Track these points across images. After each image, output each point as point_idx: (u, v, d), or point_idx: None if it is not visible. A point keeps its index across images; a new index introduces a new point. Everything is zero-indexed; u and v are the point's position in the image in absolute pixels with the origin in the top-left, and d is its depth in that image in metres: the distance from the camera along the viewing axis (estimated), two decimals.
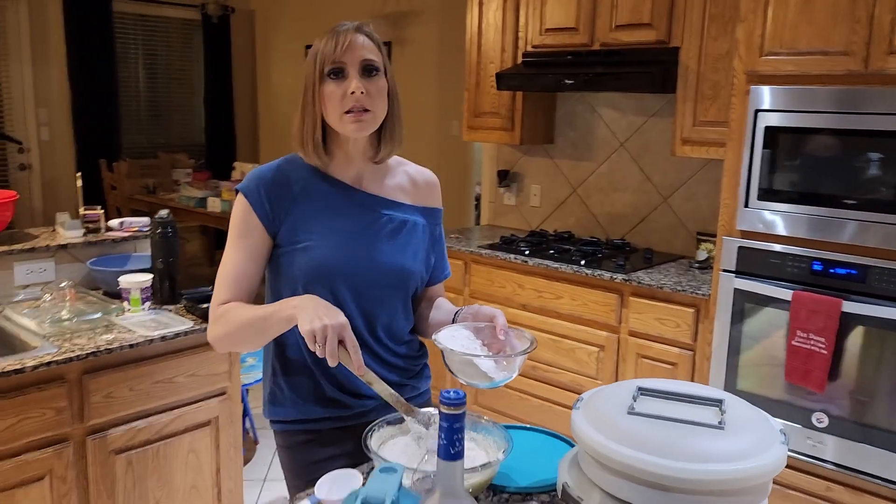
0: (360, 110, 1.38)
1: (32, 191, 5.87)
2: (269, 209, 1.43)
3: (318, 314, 1.25)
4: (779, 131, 2.44)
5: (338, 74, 1.38)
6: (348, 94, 1.37)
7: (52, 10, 5.76)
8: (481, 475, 1.24)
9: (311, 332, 1.23)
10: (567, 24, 3.27)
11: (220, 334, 1.42)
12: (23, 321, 2.11)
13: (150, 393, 2.10)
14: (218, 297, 1.44)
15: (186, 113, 6.85)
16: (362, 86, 1.37)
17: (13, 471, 1.86)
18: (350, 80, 1.37)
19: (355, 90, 1.37)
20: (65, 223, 2.52)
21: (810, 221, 2.40)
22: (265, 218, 1.43)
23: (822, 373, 2.37)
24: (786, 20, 2.37)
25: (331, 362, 1.24)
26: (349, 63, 1.38)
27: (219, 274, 1.45)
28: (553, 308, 3.18)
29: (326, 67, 1.38)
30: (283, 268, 1.45)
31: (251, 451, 3.36)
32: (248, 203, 1.43)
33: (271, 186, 1.44)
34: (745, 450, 1.07)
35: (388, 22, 5.49)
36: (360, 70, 1.38)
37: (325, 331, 1.23)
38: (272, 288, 1.50)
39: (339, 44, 1.37)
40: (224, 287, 1.43)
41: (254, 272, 1.44)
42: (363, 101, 1.38)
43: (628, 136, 3.53)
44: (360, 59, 1.38)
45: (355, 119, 1.38)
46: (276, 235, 1.44)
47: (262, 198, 1.42)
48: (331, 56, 1.37)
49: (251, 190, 1.43)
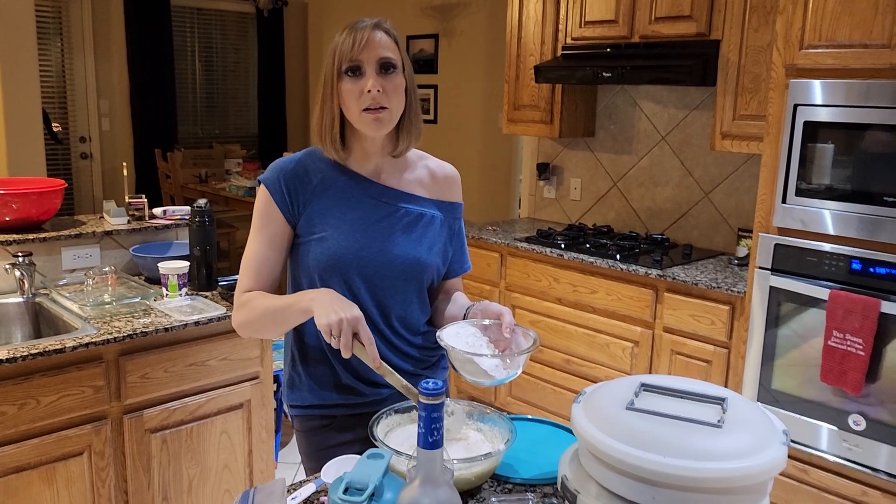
0: (377, 108, 1.40)
1: (94, 179, 6.11)
2: (288, 200, 1.47)
3: (334, 307, 1.29)
4: (819, 126, 2.37)
5: (355, 72, 1.40)
6: (365, 91, 1.39)
7: (114, 5, 5.97)
8: (483, 465, 1.26)
9: (327, 325, 1.26)
10: (607, 17, 3.24)
11: (243, 321, 1.48)
12: (66, 303, 2.22)
13: (184, 375, 2.18)
14: (241, 284, 1.49)
15: (240, 104, 7.01)
16: (379, 83, 1.39)
17: (54, 445, 1.96)
18: (367, 79, 1.40)
19: (371, 88, 1.39)
20: (111, 211, 2.62)
21: (850, 219, 2.34)
22: (285, 208, 1.47)
23: (859, 374, 2.31)
24: (825, 12, 2.30)
25: (345, 354, 1.28)
26: (366, 61, 1.40)
27: (243, 261, 1.51)
28: (588, 302, 3.17)
29: (344, 65, 1.40)
30: (301, 257, 1.50)
31: (289, 434, 3.45)
32: (269, 193, 1.47)
33: (291, 178, 1.48)
34: (741, 449, 1.06)
35: (436, 14, 5.51)
36: (377, 68, 1.40)
37: (341, 324, 1.26)
38: (292, 276, 1.55)
39: (357, 41, 1.40)
40: (247, 274, 1.49)
41: (275, 260, 1.49)
42: (380, 99, 1.40)
43: (670, 130, 3.48)
44: (376, 57, 1.40)
45: (373, 117, 1.40)
46: (296, 226, 1.49)
47: (282, 189, 1.47)
48: (348, 54, 1.40)
49: (272, 181, 1.48)
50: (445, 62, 5.51)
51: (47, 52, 5.69)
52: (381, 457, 0.96)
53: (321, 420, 1.56)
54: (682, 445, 1.06)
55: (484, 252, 3.54)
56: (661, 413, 1.12)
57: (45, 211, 2.47)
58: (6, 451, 1.89)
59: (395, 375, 1.33)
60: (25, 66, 4.18)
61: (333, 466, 1.28)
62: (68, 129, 5.95)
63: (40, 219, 2.48)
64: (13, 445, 1.90)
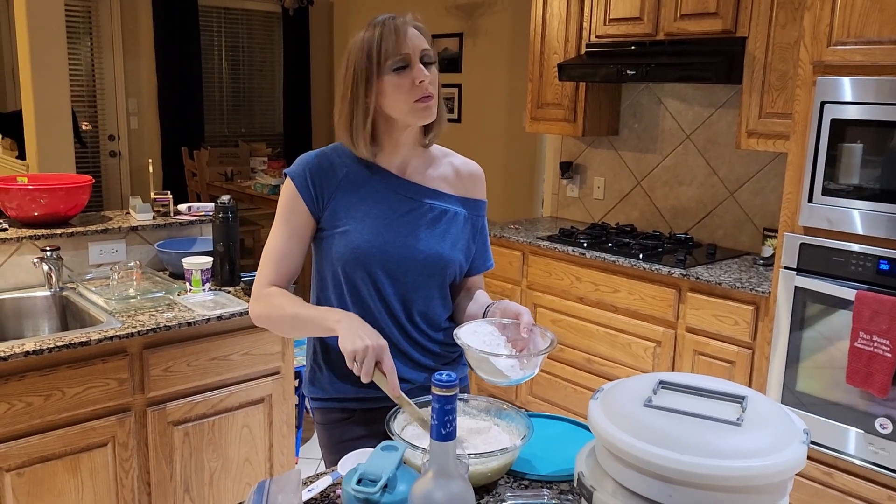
0: (427, 97, 1.42)
1: (122, 177, 6.20)
2: (313, 193, 1.48)
3: (360, 334, 1.30)
4: (846, 124, 2.34)
5: (403, 67, 1.42)
6: (416, 83, 1.41)
7: (143, 4, 6.05)
8: (499, 460, 1.26)
9: (352, 351, 1.28)
10: (631, 14, 3.21)
11: (261, 314, 1.49)
12: (92, 297, 2.26)
13: (206, 369, 2.21)
14: (262, 275, 1.51)
15: (266, 103, 7.07)
16: (425, 73, 1.42)
17: (79, 436, 2.00)
18: (417, 70, 1.41)
19: (424, 79, 1.41)
20: (136, 207, 2.66)
21: (878, 218, 2.29)
22: (310, 201, 1.48)
23: (886, 377, 2.27)
24: (854, 8, 2.26)
25: (364, 379, 1.29)
26: (413, 52, 1.42)
27: (264, 252, 1.52)
28: (610, 302, 3.15)
29: (391, 61, 1.41)
30: (325, 251, 1.51)
31: (310, 430, 3.47)
32: (295, 186, 1.48)
33: (317, 172, 1.49)
34: (760, 447, 1.05)
35: (460, 13, 5.51)
36: (420, 59, 1.43)
37: (366, 351, 1.27)
38: (316, 268, 1.56)
39: (401, 37, 1.41)
40: (268, 266, 1.50)
41: (297, 253, 1.50)
42: (429, 89, 1.42)
43: (695, 128, 3.45)
44: (419, 49, 1.42)
45: (424, 105, 1.42)
46: (320, 219, 1.49)
47: (307, 182, 1.48)
48: (394, 49, 1.41)
49: (298, 174, 1.49)
50: (470, 61, 5.51)
51: (77, 52, 5.79)
52: (395, 449, 0.97)
53: (341, 413, 1.57)
54: (701, 443, 1.04)
55: (506, 250, 3.53)
56: (679, 410, 1.11)
57: (72, 206, 2.51)
58: (32, 441, 1.92)
59: (412, 407, 1.32)
60: (55, 65, 4.26)
61: (350, 459, 1.29)
62: (97, 127, 6.05)
63: (68, 214, 2.53)
64: (39, 436, 1.94)
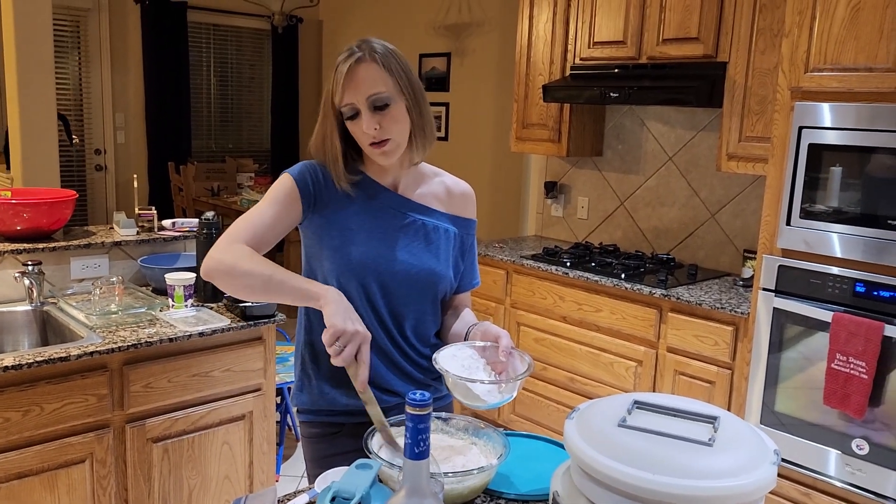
0: (380, 141, 1.43)
1: (107, 191, 6.18)
2: (313, 191, 1.47)
3: (350, 316, 1.29)
4: (824, 149, 2.38)
5: (353, 116, 1.42)
6: (365, 132, 1.41)
7: (132, 19, 6.07)
8: (475, 479, 1.26)
9: (340, 330, 1.27)
10: (615, 38, 3.26)
11: (222, 263, 1.38)
12: (73, 312, 2.25)
13: (187, 385, 2.20)
14: (237, 232, 1.42)
15: (254, 119, 7.09)
16: (375, 121, 1.41)
17: (56, 452, 1.98)
18: (363, 120, 1.41)
19: (367, 130, 1.41)
20: (120, 221, 2.66)
21: (854, 242, 2.33)
22: (307, 198, 1.47)
23: (862, 398, 2.29)
24: (831, 35, 2.31)
25: (342, 362, 1.28)
26: (358, 102, 1.41)
27: (240, 219, 1.46)
28: (593, 321, 3.17)
29: (343, 110, 1.42)
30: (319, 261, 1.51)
31: (292, 447, 3.46)
32: (294, 181, 1.47)
33: (319, 176, 1.49)
34: (731, 468, 1.07)
35: (448, 33, 5.57)
36: (369, 106, 1.41)
37: (353, 336, 1.27)
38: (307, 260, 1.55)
39: (350, 83, 1.40)
40: (245, 228, 1.43)
41: (277, 234, 1.46)
42: (380, 135, 1.42)
43: (677, 150, 3.49)
44: (366, 96, 1.40)
45: (379, 151, 1.44)
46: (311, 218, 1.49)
47: (308, 181, 1.48)
48: (341, 99, 1.41)
49: (300, 172, 1.49)
50: (457, 81, 5.56)
51: (65, 65, 5.79)
52: (369, 467, 0.97)
53: (330, 427, 1.57)
54: (673, 463, 1.06)
55: (490, 269, 3.55)
56: (652, 431, 1.12)
57: (55, 221, 2.51)
58: (9, 457, 1.91)
59: (375, 407, 1.33)
60: (42, 79, 4.26)
61: (327, 477, 1.29)
62: (84, 141, 6.03)
63: (51, 228, 2.52)
64: (16, 451, 1.92)
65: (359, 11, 6.52)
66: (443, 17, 5.63)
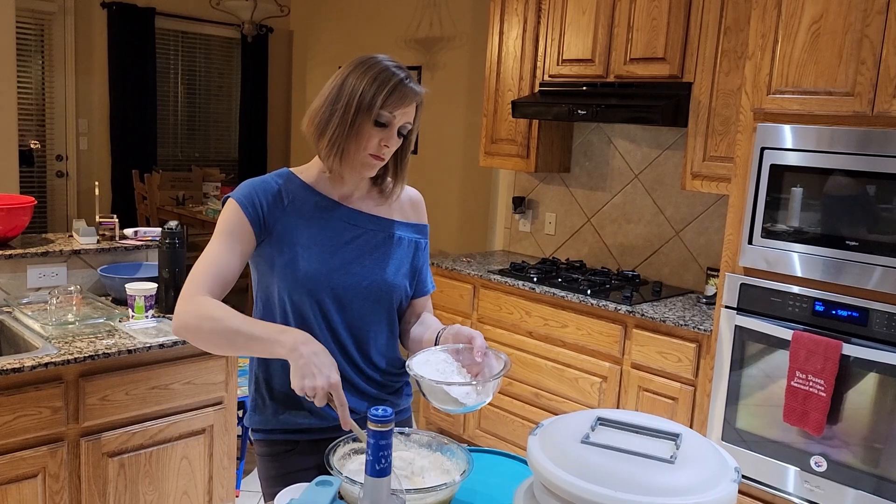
0: (380, 158, 1.48)
1: (69, 198, 6.06)
2: (261, 214, 1.47)
3: (312, 370, 1.27)
4: (785, 169, 2.43)
5: (384, 125, 1.46)
6: (382, 145, 1.46)
7: (98, 24, 5.97)
8: (438, 495, 1.25)
9: (301, 389, 1.27)
10: (584, 56, 3.30)
11: (189, 324, 1.38)
12: (28, 322, 2.19)
13: (145, 398, 2.15)
14: (197, 283, 1.41)
15: (222, 128, 7.01)
16: (395, 144, 1.49)
17: (7, 467, 1.92)
18: (389, 134, 1.47)
19: (388, 146, 1.47)
20: (80, 230, 2.60)
21: (814, 261, 2.38)
22: (255, 222, 1.46)
23: (821, 415, 2.33)
24: (792, 59, 2.37)
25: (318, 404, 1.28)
26: (397, 122, 1.47)
27: (199, 262, 1.44)
28: (558, 336, 3.18)
29: (382, 114, 1.44)
30: (270, 277, 1.50)
31: (252, 462, 3.40)
32: (241, 208, 1.46)
33: (264, 195, 1.48)
34: (692, 485, 1.07)
35: (419, 46, 5.58)
36: (398, 129, 1.48)
37: (316, 391, 1.26)
38: (260, 294, 1.54)
39: (402, 103, 1.47)
40: (204, 274, 1.42)
41: (235, 267, 1.45)
42: (385, 155, 1.48)
43: (643, 168, 3.54)
44: (403, 122, 1.48)
45: (373, 165, 1.48)
46: (262, 242, 1.48)
47: (254, 203, 1.47)
48: (388, 107, 1.45)
49: (244, 195, 1.47)
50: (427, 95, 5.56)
51: (27, 69, 5.68)
52: (329, 484, 0.96)
53: (284, 445, 1.55)
54: (635, 480, 1.06)
55: (457, 283, 3.55)
56: (615, 447, 1.12)
57: (12, 228, 2.45)
58: None
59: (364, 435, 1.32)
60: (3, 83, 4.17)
61: (287, 495, 1.27)
62: (45, 146, 5.91)
63: (7, 235, 2.46)
64: None
65: (330, 23, 6.51)
66: (414, 31, 5.64)
